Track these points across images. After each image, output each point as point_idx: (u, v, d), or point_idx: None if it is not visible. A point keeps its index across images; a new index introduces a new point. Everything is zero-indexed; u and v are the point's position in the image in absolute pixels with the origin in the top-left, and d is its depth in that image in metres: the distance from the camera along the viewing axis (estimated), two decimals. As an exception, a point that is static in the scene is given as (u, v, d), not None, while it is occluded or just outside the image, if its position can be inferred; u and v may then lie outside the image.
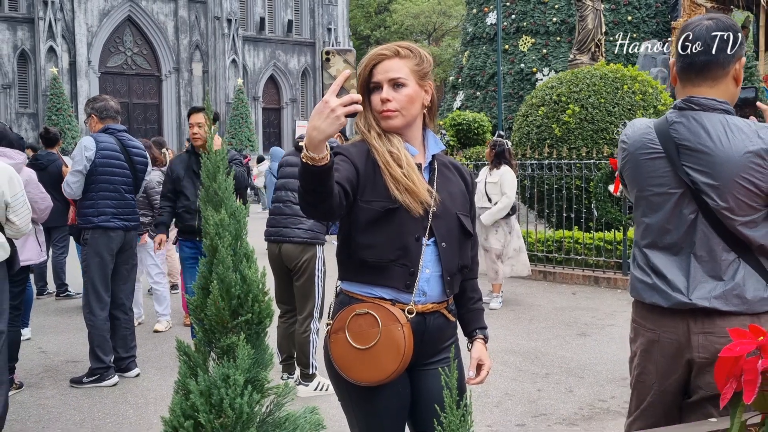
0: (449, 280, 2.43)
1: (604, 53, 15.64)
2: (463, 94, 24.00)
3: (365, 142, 2.39)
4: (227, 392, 1.22)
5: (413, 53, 2.42)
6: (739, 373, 1.87)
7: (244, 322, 1.29)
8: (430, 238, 2.39)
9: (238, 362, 1.25)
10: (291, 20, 45.38)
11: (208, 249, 1.29)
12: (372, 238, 2.33)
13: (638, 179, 2.61)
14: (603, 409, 5.29)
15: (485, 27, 23.70)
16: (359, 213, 2.33)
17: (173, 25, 41.53)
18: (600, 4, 15.51)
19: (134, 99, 40.86)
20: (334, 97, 1.96)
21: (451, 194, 2.48)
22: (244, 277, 1.29)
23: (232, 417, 1.22)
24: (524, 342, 7.19)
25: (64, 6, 38.51)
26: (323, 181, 2.04)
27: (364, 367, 2.31)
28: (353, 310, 2.34)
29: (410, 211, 2.32)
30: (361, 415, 2.45)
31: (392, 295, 2.36)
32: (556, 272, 10.77)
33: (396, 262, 2.34)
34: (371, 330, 2.30)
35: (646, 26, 21.50)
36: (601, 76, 12.08)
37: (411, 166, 2.35)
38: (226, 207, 1.30)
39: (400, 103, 2.37)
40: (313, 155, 1.97)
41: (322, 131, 1.95)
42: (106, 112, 6.07)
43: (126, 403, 5.47)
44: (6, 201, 4.45)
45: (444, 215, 2.42)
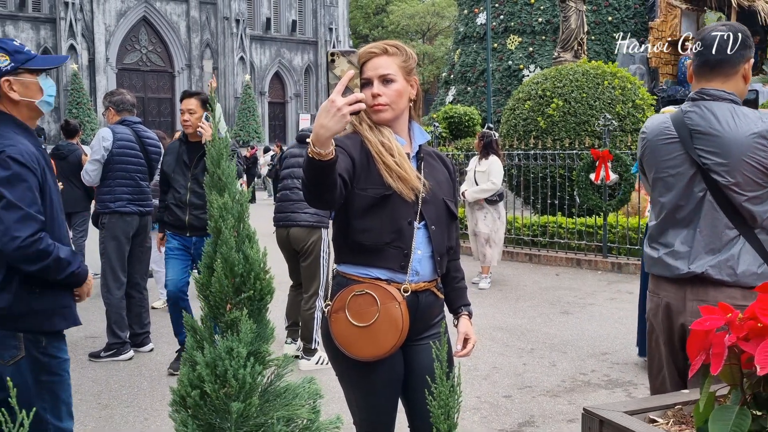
0: (439, 260, 2.44)
1: (586, 51, 15.59)
2: (454, 90, 23.94)
3: (358, 134, 2.38)
4: (231, 364, 1.21)
5: (400, 51, 2.43)
6: (708, 346, 1.86)
7: (247, 298, 1.28)
8: (420, 221, 2.39)
9: (241, 336, 1.24)
10: (295, 20, 45.20)
11: (213, 231, 1.28)
12: (368, 222, 2.33)
13: (655, 163, 2.73)
14: (584, 381, 5.30)
15: (475, 27, 23.62)
16: (355, 200, 2.32)
17: (185, 25, 41.35)
18: (582, 5, 15.45)
19: (149, 93, 40.73)
20: (340, 97, 1.96)
21: (437, 181, 2.49)
22: (247, 256, 1.28)
23: (235, 387, 1.21)
24: (511, 319, 7.20)
25: (83, 7, 38.35)
26: (328, 174, 2.04)
27: (364, 344, 2.31)
28: (352, 291, 2.33)
29: (403, 196, 2.33)
30: (359, 388, 2.45)
31: (388, 276, 2.35)
32: (541, 255, 10.77)
33: (391, 244, 2.34)
34: (370, 308, 2.30)
35: (625, 26, 21.43)
36: (583, 73, 12.05)
37: (402, 155, 2.36)
38: (229, 192, 1.29)
39: (390, 98, 2.37)
40: (320, 151, 1.98)
41: (329, 128, 1.96)
42: (122, 105, 6.07)
43: (140, 376, 5.48)
44: None
45: (432, 200, 2.43)
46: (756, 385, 1.85)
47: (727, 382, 1.88)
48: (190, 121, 5.34)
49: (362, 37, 52.57)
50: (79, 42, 37.87)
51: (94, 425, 4.48)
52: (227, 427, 1.22)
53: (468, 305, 2.64)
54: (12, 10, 37.44)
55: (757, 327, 1.83)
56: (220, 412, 1.22)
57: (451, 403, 1.38)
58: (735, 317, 1.87)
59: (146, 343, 6.16)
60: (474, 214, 8.83)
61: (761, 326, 1.82)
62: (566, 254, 10.56)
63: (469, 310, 2.63)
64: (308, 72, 45.66)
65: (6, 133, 2.70)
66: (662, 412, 2.19)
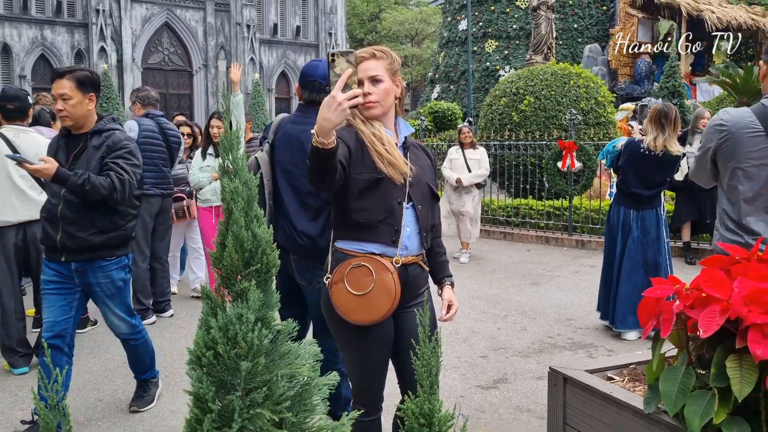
0: (425, 236, 2.46)
1: (554, 54, 15.53)
2: (439, 88, 23.84)
3: (352, 126, 2.39)
4: (240, 328, 1.21)
5: (386, 55, 2.45)
6: (659, 313, 1.87)
7: (255, 271, 1.27)
8: (408, 202, 2.41)
9: (250, 304, 1.24)
10: (299, 26, 44.87)
11: (225, 211, 1.28)
12: (363, 203, 2.34)
13: (737, 154, 2.61)
14: (551, 344, 5.32)
15: (458, 32, 23.49)
16: (351, 183, 2.33)
17: (202, 30, 41.02)
18: (551, 14, 15.36)
19: (170, 90, 40.42)
20: (340, 93, 1.97)
21: (421, 167, 2.51)
22: (255, 234, 1.27)
23: (245, 348, 1.21)
24: (487, 290, 7.21)
25: (113, 14, 37.99)
26: (330, 160, 2.06)
27: (362, 310, 2.32)
28: (349, 264, 2.33)
29: (393, 180, 2.35)
30: (356, 350, 2.46)
31: (381, 250, 2.36)
32: (514, 233, 10.78)
33: (383, 222, 2.35)
34: (366, 279, 2.30)
35: (589, 32, 21.34)
36: (552, 73, 12.00)
37: (391, 144, 2.39)
38: (240, 177, 1.28)
39: (379, 96, 2.39)
40: (323, 140, 2.00)
41: (331, 121, 1.97)
42: (147, 100, 6.03)
43: (162, 338, 5.47)
44: None
45: (418, 184, 2.44)
46: (700, 348, 1.86)
47: (675, 345, 1.89)
48: (65, 111, 3.49)
49: (358, 41, 52.21)
50: (108, 44, 37.52)
51: (121, 381, 4.48)
52: (237, 383, 1.22)
53: (450, 276, 2.66)
54: (50, 15, 37.08)
55: (701, 297, 1.84)
56: (231, 370, 1.22)
57: (432, 362, 1.38)
58: (682, 288, 1.88)
59: (167, 310, 6.16)
60: (462, 197, 8.75)
61: (705, 296, 1.82)
62: (536, 233, 10.57)
63: (451, 280, 2.65)
64: (311, 72, 45.38)
65: None
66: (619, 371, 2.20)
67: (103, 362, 4.87)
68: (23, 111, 4.69)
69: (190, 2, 40.63)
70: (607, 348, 5.18)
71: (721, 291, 1.81)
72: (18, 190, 4.53)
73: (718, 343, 1.81)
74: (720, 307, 1.77)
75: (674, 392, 1.69)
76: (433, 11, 48.40)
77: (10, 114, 4.63)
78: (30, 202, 4.58)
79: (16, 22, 36.09)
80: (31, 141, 4.61)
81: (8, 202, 4.51)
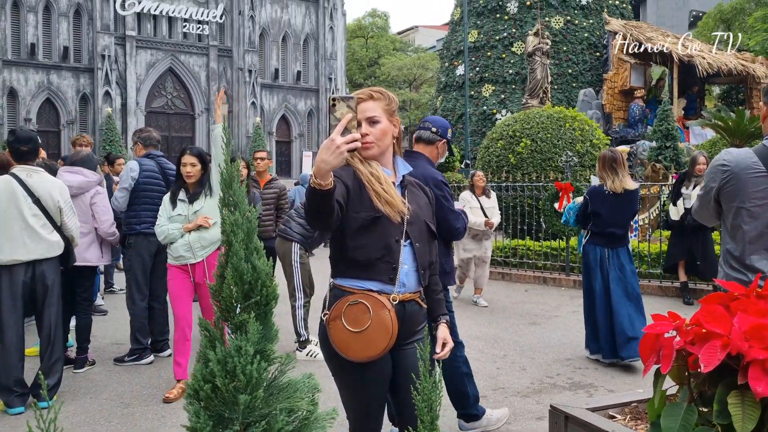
0: (423, 273, 2.45)
1: (550, 98, 15.71)
2: (437, 131, 24.04)
3: (350, 166, 2.39)
4: (239, 360, 1.19)
5: (383, 96, 2.46)
6: (659, 348, 1.84)
7: (254, 303, 1.25)
8: (406, 240, 2.40)
9: (249, 336, 1.22)
10: (300, 71, 45.46)
11: (225, 243, 1.26)
12: (361, 241, 2.33)
13: (741, 194, 2.62)
14: (550, 384, 5.25)
15: (455, 77, 23.80)
16: (349, 221, 2.33)
17: (205, 75, 41.52)
18: (546, 59, 15.58)
19: (172, 133, 40.74)
20: (339, 136, 1.99)
21: (419, 205, 2.51)
22: (254, 266, 1.25)
23: (243, 381, 1.18)
24: (486, 329, 7.15)
25: (118, 59, 38.51)
26: (328, 201, 2.06)
27: (359, 347, 2.29)
28: (347, 301, 2.32)
29: (390, 218, 2.34)
30: (353, 386, 2.42)
31: (378, 287, 2.34)
32: (512, 273, 10.74)
33: (381, 259, 2.34)
34: (363, 316, 2.28)
35: (583, 77, 21.63)
36: (548, 116, 12.12)
37: (388, 184, 2.39)
38: (240, 210, 1.27)
39: (376, 137, 2.40)
40: (321, 182, 2.00)
41: (329, 163, 1.98)
42: (149, 141, 6.06)
43: (160, 378, 5.39)
44: (60, 206, 4.64)
45: (415, 221, 2.44)
46: (701, 384, 1.82)
47: (676, 382, 1.86)
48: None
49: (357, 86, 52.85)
50: (113, 89, 37.95)
51: (117, 422, 4.40)
52: (235, 417, 1.19)
53: (445, 314, 2.63)
54: (56, 61, 37.57)
55: (702, 332, 1.81)
56: (229, 404, 1.19)
57: (433, 397, 1.35)
58: (682, 323, 1.86)
59: (165, 349, 6.08)
60: (483, 243, 8.48)
61: (705, 332, 1.80)
62: (534, 273, 10.53)
63: (446, 318, 2.63)
64: (311, 115, 45.83)
65: None
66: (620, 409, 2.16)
67: (99, 403, 4.79)
68: (35, 152, 4.79)
69: (194, 48, 41.22)
70: (607, 388, 5.11)
71: (722, 326, 1.79)
72: (30, 229, 4.55)
73: (720, 379, 1.78)
74: (721, 343, 1.74)
75: (676, 429, 1.66)
76: (431, 57, 49.14)
77: (24, 155, 4.69)
78: (41, 241, 4.59)
79: (23, 66, 36.54)
80: (43, 180, 4.67)
81: (20, 240, 4.52)
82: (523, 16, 22.17)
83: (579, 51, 21.85)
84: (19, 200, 4.52)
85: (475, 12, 23.29)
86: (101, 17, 37.73)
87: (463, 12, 21.76)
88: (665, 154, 13.71)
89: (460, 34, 23.25)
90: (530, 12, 21.84)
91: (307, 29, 45.63)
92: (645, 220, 10.81)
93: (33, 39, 36.70)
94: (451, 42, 24.93)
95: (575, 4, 21.98)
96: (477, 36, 23.01)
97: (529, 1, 22.05)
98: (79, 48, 38.32)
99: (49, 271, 4.63)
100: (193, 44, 41.09)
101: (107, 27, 37.91)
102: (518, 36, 22.09)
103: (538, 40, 15.58)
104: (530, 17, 21.65)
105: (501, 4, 22.74)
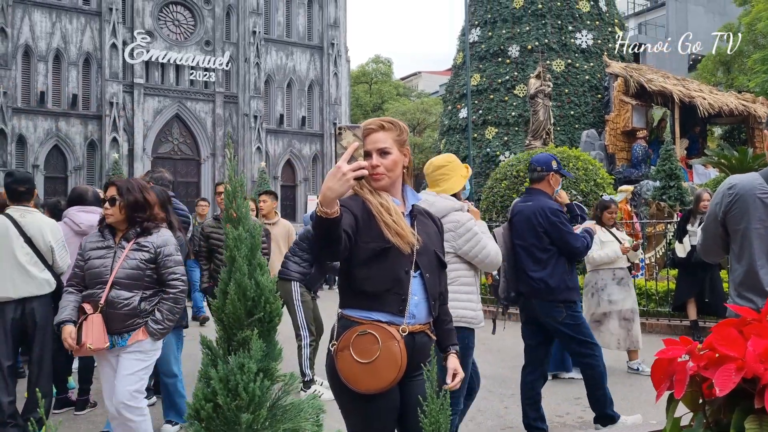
0: (433, 304, 2.42)
1: (553, 139, 15.81)
2: (441, 173, 24.15)
3: (359, 196, 2.38)
4: (242, 378, 1.15)
5: (394, 125, 2.46)
6: (672, 374, 1.80)
7: (257, 320, 1.22)
8: (416, 270, 2.38)
9: (252, 353, 1.19)
10: (305, 116, 46.01)
11: (228, 259, 1.24)
12: (370, 271, 2.31)
13: (747, 215, 2.61)
14: (560, 423, 5.14)
15: (458, 120, 24.01)
16: (358, 252, 2.30)
17: (211, 120, 42.04)
18: (548, 101, 15.74)
19: (178, 178, 40.97)
20: (345, 164, 1.98)
21: (428, 235, 2.49)
22: (258, 282, 1.23)
23: (246, 399, 1.15)
24: (493, 369, 7.04)
25: (126, 106, 39.10)
26: (334, 229, 2.04)
27: (367, 378, 2.25)
28: (355, 331, 2.28)
29: (400, 249, 2.32)
30: (359, 418, 2.38)
31: (388, 318, 2.31)
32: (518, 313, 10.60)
33: (390, 290, 2.32)
34: (372, 347, 2.25)
35: (585, 119, 21.78)
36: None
37: (398, 215, 2.37)
38: (243, 225, 1.25)
39: (387, 167, 2.40)
40: (327, 210, 1.99)
41: (335, 191, 1.97)
42: (161, 181, 6.11)
43: (161, 421, 5.30)
44: (51, 245, 4.72)
45: (425, 252, 2.42)
46: (717, 412, 1.77)
47: (690, 409, 1.81)
48: None
49: (362, 131, 53.33)
50: (120, 135, 38.44)
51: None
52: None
53: (456, 345, 2.59)
54: (65, 108, 38.16)
55: (715, 357, 1.77)
56: (231, 424, 1.15)
57: (441, 420, 1.31)
58: (695, 347, 1.81)
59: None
60: (625, 288, 6.74)
61: (719, 356, 1.76)
62: (540, 313, 10.39)
63: (457, 349, 2.58)
64: (315, 160, 46.19)
65: None
66: (633, 438, 2.11)
67: (101, 444, 4.70)
68: (31, 193, 4.89)
69: (200, 95, 41.81)
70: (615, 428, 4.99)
71: (736, 349, 1.74)
72: (20, 267, 4.60)
73: (735, 405, 1.73)
74: (735, 366, 1.70)
75: (694, 455, 1.60)
76: (434, 102, 49.69)
77: (20, 196, 4.75)
78: (31, 279, 4.63)
79: (32, 114, 37.08)
80: (35, 221, 4.75)
81: (9, 278, 4.57)
82: (524, 60, 22.46)
83: (581, 93, 22.08)
84: (11, 239, 4.60)
85: (477, 56, 23.62)
86: (110, 65, 38.43)
87: (465, 56, 22.08)
88: (669, 194, 13.71)
89: (463, 78, 23.54)
90: (531, 56, 22.14)
91: (311, 75, 46.30)
92: (651, 259, 10.75)
93: (43, 87, 37.32)
94: (454, 86, 25.23)
95: (575, 47, 22.28)
96: (479, 79, 23.30)
97: (530, 46, 22.37)
98: (88, 95, 38.92)
99: (40, 309, 4.69)
100: (199, 91, 41.70)
101: (116, 75, 38.57)
102: (520, 79, 22.35)
103: (540, 82, 15.76)
104: (531, 61, 21.93)
105: (503, 48, 23.07)
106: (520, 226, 4.54)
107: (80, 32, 38.54)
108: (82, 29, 38.60)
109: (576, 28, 22.59)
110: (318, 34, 46.65)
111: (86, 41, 38.64)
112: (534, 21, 22.75)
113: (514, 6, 23.17)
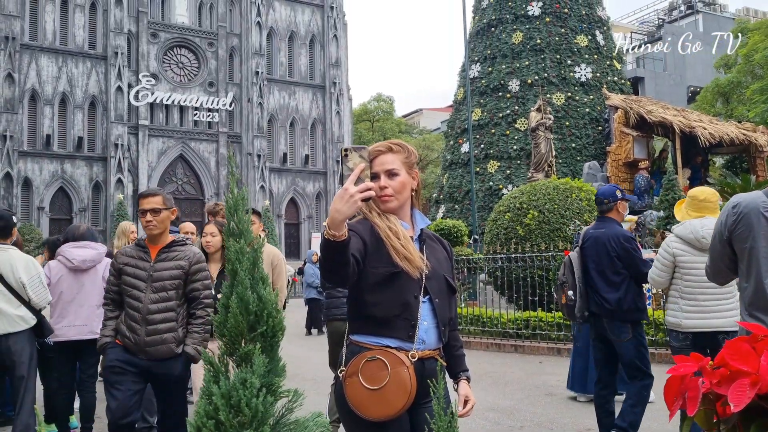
0: (443, 329, 2.36)
1: (555, 171, 15.84)
2: (444, 207, 24.17)
3: (367, 220, 2.35)
4: (245, 394, 1.12)
5: (402, 148, 2.43)
6: (684, 390, 1.76)
7: (260, 334, 1.20)
8: (425, 295, 2.33)
9: (255, 368, 1.16)
10: (307, 154, 46.29)
11: (230, 272, 1.22)
12: (379, 296, 2.27)
13: (752, 233, 2.59)
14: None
15: (460, 155, 24.13)
16: (368, 277, 2.26)
17: (215, 160, 42.32)
18: (550, 134, 15.82)
19: (182, 218, 41.17)
20: (352, 186, 1.95)
21: (438, 260, 2.45)
22: (260, 296, 1.21)
23: (248, 415, 1.12)
24: (500, 401, 6.93)
25: (131, 147, 39.47)
26: (342, 252, 2.01)
27: (376, 405, 2.19)
28: (364, 357, 2.23)
29: (409, 274, 2.27)
30: None
31: (397, 344, 2.26)
32: (525, 345, 10.51)
33: (399, 316, 2.27)
34: (381, 373, 2.20)
35: (587, 151, 21.87)
36: (554, 187, 12.16)
37: (407, 239, 2.32)
38: (245, 238, 1.23)
39: (395, 189, 2.36)
40: (334, 232, 1.95)
41: (343, 213, 1.94)
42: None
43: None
44: (22, 282, 4.68)
45: (434, 277, 2.37)
46: (732, 430, 1.73)
47: (704, 427, 1.77)
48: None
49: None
50: (125, 176, 38.72)
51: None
52: (240, 453, 1.12)
53: (467, 371, 2.53)
54: (71, 150, 38.53)
55: (728, 373, 1.73)
56: (233, 441, 1.12)
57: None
58: (707, 364, 1.77)
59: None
60: None
61: (731, 372, 1.72)
62: (547, 344, 10.30)
63: (468, 375, 2.52)
64: (319, 197, 46.32)
65: None
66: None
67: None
68: (8, 230, 4.86)
69: (204, 135, 42.17)
70: (630, 457, 4.88)
71: (749, 364, 1.71)
72: None
73: (750, 422, 1.68)
74: (749, 381, 1.66)
75: (711, 473, 1.56)
76: (436, 138, 50.01)
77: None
78: (4, 317, 4.63)
79: (38, 157, 37.40)
80: (8, 258, 4.73)
81: None
82: (524, 94, 22.66)
83: (581, 125, 22.21)
84: None
85: (477, 92, 23.84)
86: (115, 108, 38.89)
87: (466, 92, 22.28)
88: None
89: (464, 113, 23.72)
90: (531, 90, 22.34)
91: (314, 114, 46.73)
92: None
93: (48, 130, 37.72)
94: (456, 121, 25.41)
95: (575, 81, 22.49)
96: (480, 114, 23.48)
97: (530, 80, 22.59)
98: (93, 138, 39.30)
99: (17, 346, 4.66)
100: (203, 131, 42.08)
101: (121, 117, 39.00)
102: (521, 113, 22.52)
103: (540, 116, 15.85)
104: (532, 95, 22.12)
105: (503, 83, 23.30)
106: (592, 251, 4.95)
107: (86, 76, 39.10)
108: (88, 73, 39.16)
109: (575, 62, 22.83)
110: (320, 74, 47.21)
111: (92, 84, 39.16)
112: (533, 56, 23.02)
113: (513, 41, 23.47)
